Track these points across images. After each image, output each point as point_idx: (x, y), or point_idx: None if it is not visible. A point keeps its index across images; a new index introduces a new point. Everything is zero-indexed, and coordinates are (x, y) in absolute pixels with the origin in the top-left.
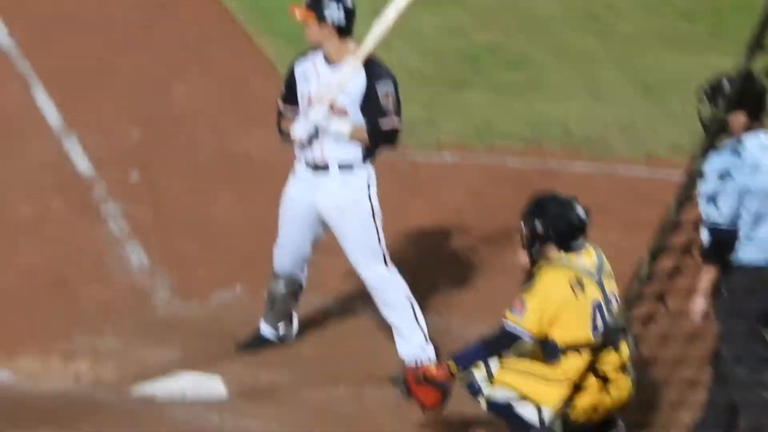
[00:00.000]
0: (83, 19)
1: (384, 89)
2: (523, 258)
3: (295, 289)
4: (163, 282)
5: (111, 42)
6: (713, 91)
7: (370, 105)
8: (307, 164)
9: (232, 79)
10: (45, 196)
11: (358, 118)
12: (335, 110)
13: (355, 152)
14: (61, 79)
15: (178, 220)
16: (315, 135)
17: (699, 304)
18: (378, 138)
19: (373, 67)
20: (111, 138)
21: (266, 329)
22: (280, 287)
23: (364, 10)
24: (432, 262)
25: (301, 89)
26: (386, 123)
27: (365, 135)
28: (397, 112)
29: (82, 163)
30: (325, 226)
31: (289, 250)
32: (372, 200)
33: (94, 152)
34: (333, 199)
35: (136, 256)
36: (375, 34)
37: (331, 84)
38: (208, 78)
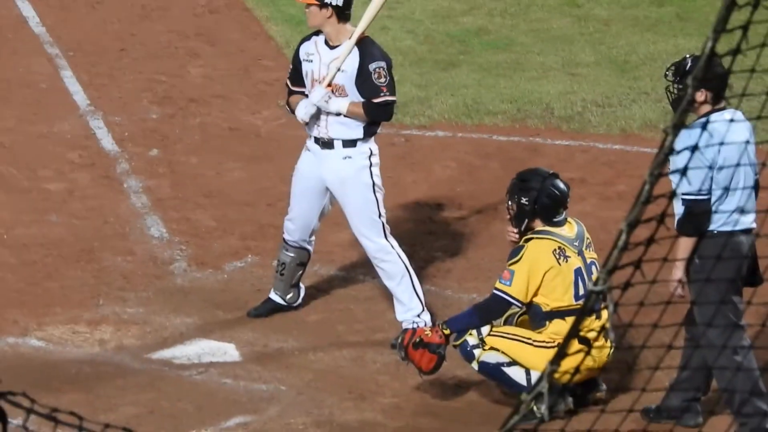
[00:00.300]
0: (106, 7)
1: (375, 67)
2: (512, 233)
3: (303, 259)
4: (181, 253)
5: (132, 27)
6: (680, 71)
7: (363, 82)
8: (316, 140)
9: (243, 61)
10: (73, 172)
11: (355, 95)
12: (334, 89)
13: (357, 130)
14: (87, 62)
15: (194, 194)
16: (317, 114)
17: (677, 274)
18: (372, 113)
19: (366, 48)
20: (133, 117)
21: (276, 297)
22: (290, 256)
23: None
24: (427, 233)
25: (305, 69)
26: (379, 98)
27: (361, 111)
28: (389, 87)
29: (106, 140)
30: (332, 198)
31: (298, 221)
32: (373, 175)
33: (117, 130)
34: (337, 172)
35: (156, 228)
36: (366, 17)
37: (330, 64)
38: (222, 60)
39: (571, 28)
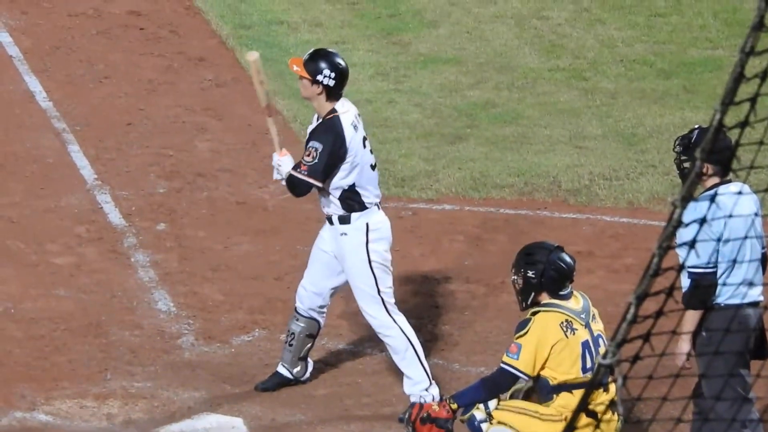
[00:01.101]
0: (113, 82)
1: (309, 146)
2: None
3: (312, 331)
4: (188, 327)
5: (139, 101)
6: (687, 143)
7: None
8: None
9: (250, 135)
10: (80, 246)
11: None
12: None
13: (333, 206)
14: (94, 137)
15: (201, 268)
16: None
17: (683, 347)
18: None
19: (319, 126)
20: (140, 191)
21: (283, 370)
22: (300, 326)
23: (369, 70)
24: (434, 306)
25: None
26: (293, 171)
27: None
28: (310, 168)
29: (113, 215)
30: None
31: (310, 287)
32: (370, 251)
33: (124, 204)
34: (337, 249)
35: (164, 302)
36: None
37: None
38: (229, 134)
39: (578, 101)
